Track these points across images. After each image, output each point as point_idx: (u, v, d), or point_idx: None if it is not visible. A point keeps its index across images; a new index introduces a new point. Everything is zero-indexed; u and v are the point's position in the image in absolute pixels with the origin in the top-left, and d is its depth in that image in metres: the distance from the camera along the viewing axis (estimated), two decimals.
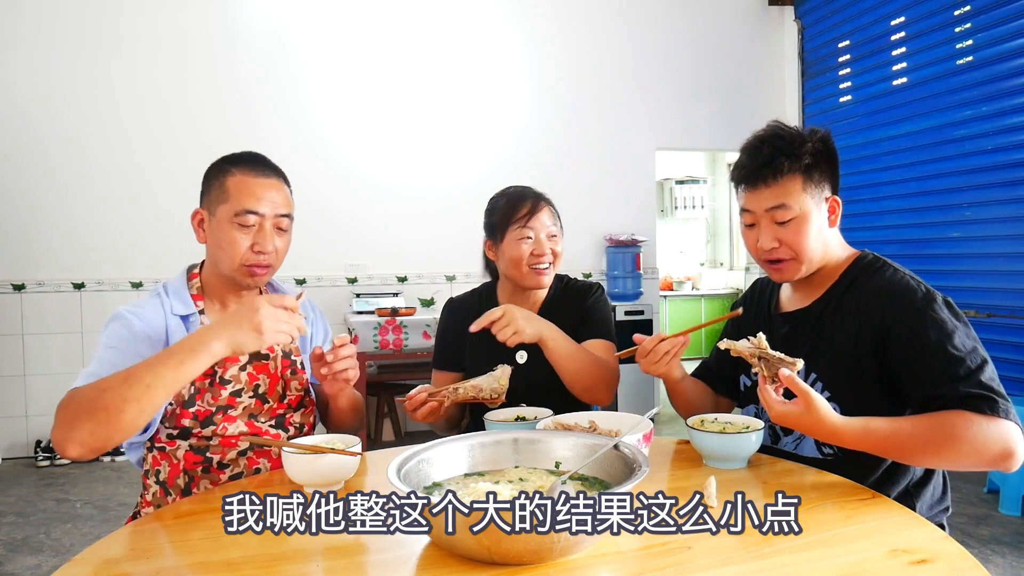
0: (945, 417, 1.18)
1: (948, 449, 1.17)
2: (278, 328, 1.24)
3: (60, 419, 1.21)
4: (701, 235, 8.63)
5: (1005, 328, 3.82)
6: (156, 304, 1.46)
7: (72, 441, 1.18)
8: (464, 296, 1.96)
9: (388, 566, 0.96)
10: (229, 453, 1.47)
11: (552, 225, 1.78)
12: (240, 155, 1.51)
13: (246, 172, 1.46)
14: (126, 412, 1.17)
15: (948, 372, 1.22)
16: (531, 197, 1.78)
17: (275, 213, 1.46)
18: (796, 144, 1.37)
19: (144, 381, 1.18)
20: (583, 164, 5.30)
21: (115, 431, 1.19)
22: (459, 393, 1.53)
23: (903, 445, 1.19)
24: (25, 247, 4.44)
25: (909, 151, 4.49)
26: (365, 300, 4.53)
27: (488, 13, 5.16)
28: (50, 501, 3.65)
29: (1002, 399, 1.18)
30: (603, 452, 1.10)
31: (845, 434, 1.20)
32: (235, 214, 1.43)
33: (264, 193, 1.45)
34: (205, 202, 1.50)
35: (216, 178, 1.48)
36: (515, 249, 1.75)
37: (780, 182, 1.36)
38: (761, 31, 5.72)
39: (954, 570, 0.90)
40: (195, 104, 4.65)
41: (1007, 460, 1.17)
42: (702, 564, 0.92)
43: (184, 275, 1.54)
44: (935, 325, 1.26)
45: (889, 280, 1.36)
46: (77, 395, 1.22)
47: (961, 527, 3.06)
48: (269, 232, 1.46)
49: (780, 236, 1.38)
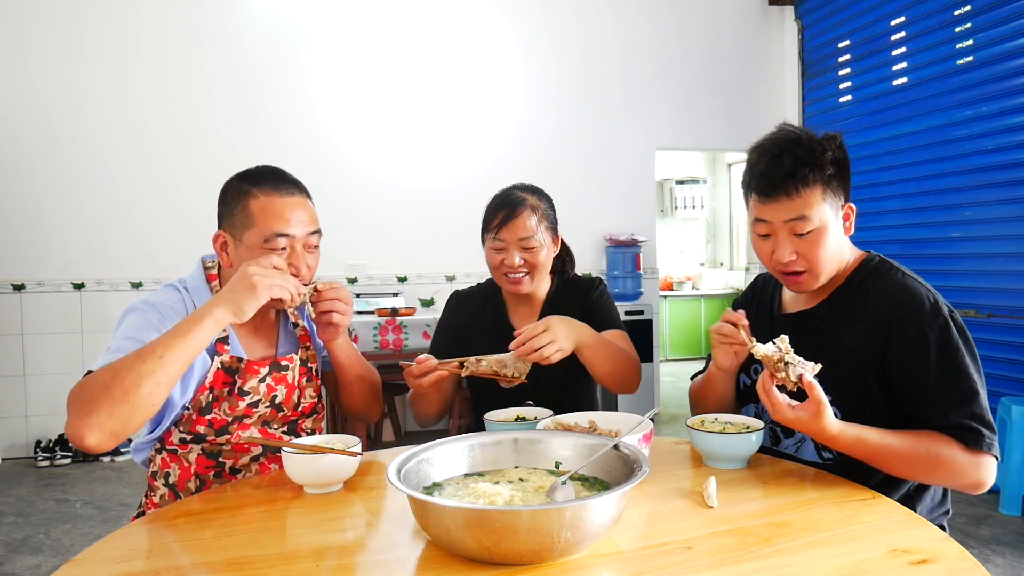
0: (932, 441, 1.22)
1: (926, 471, 1.23)
2: (271, 283, 1.24)
3: (74, 407, 1.15)
4: (701, 235, 8.63)
5: (1005, 328, 3.82)
6: (176, 298, 1.43)
7: (90, 427, 1.12)
8: (470, 290, 1.96)
9: (388, 566, 0.96)
10: (242, 458, 1.47)
11: (530, 234, 1.71)
12: (259, 173, 1.46)
13: (269, 193, 1.41)
14: (143, 387, 1.15)
15: (943, 397, 1.24)
16: (507, 205, 1.73)
17: (305, 232, 1.43)
18: (817, 153, 1.31)
19: (156, 354, 1.17)
20: (583, 164, 5.30)
21: (134, 410, 1.15)
22: (481, 366, 1.51)
23: (887, 459, 1.23)
24: (25, 247, 4.44)
25: (909, 151, 4.49)
26: (365, 300, 4.53)
27: (489, 13, 5.16)
28: (50, 501, 3.65)
29: (988, 432, 1.22)
30: (603, 452, 1.10)
31: (840, 440, 1.22)
32: (264, 240, 1.39)
33: (291, 214, 1.41)
34: (227, 225, 1.44)
35: (238, 201, 1.42)
36: (490, 257, 1.77)
37: (802, 194, 1.30)
38: (761, 31, 5.72)
39: (954, 570, 0.90)
40: (196, 104, 4.65)
41: (976, 489, 1.24)
42: (702, 564, 0.92)
43: (202, 273, 1.50)
44: (939, 343, 1.26)
45: (898, 285, 1.34)
46: (90, 380, 1.18)
47: (961, 527, 3.06)
48: (301, 253, 1.42)
49: (798, 248, 1.34)
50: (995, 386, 3.67)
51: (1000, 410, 3.39)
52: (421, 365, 1.51)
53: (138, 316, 1.37)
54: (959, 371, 1.25)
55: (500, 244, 1.72)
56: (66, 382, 4.53)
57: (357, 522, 1.13)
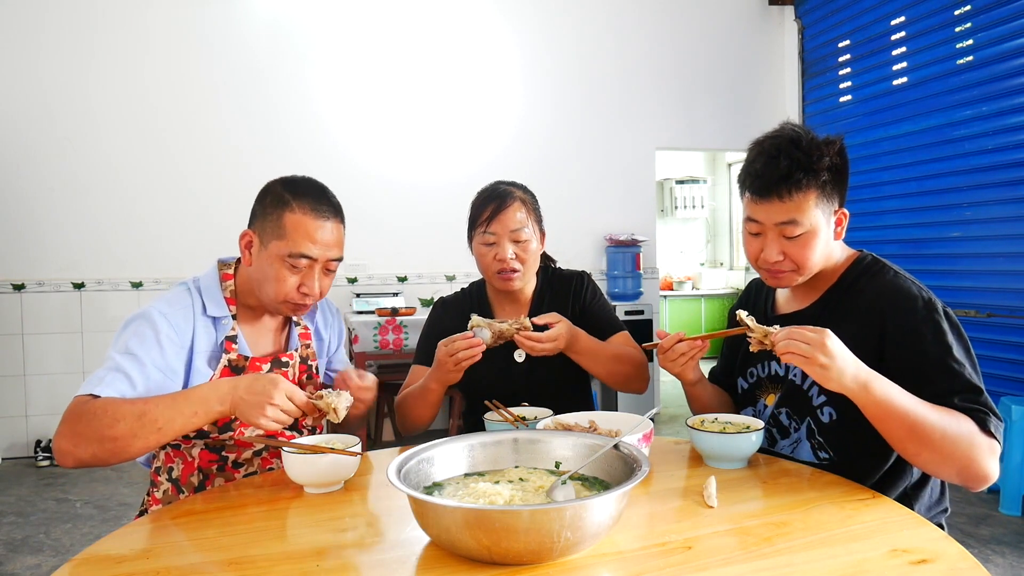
0: (958, 417, 1.18)
1: (948, 445, 1.15)
2: (276, 418, 1.24)
3: (65, 430, 1.22)
4: (701, 235, 8.63)
5: (1005, 328, 3.82)
6: (187, 304, 1.43)
7: (72, 457, 1.22)
8: (455, 296, 1.94)
9: (388, 566, 0.96)
10: (244, 452, 1.48)
11: (522, 226, 1.69)
12: (302, 185, 1.46)
13: (307, 211, 1.42)
14: (133, 447, 1.22)
15: (947, 386, 1.23)
16: (496, 197, 1.71)
17: (327, 257, 1.45)
18: (815, 158, 1.30)
19: (157, 424, 1.21)
20: (583, 164, 5.30)
21: (117, 460, 1.23)
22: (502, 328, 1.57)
23: (917, 421, 1.15)
24: (25, 247, 4.44)
25: (909, 151, 4.49)
26: (365, 300, 4.53)
27: (490, 12, 5.16)
28: (50, 501, 3.65)
29: (996, 418, 1.20)
30: (603, 452, 1.10)
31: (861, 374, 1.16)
32: (289, 255, 1.40)
33: (321, 237, 1.42)
34: (257, 227, 1.45)
35: (274, 208, 1.43)
36: (480, 254, 1.74)
37: (794, 198, 1.30)
38: (761, 31, 5.72)
39: (954, 570, 0.90)
40: (197, 103, 4.65)
41: (981, 480, 1.17)
42: (702, 564, 0.92)
43: (216, 273, 1.51)
44: (935, 337, 1.26)
45: (890, 284, 1.34)
46: (87, 412, 1.22)
47: (961, 527, 3.06)
48: (318, 274, 1.44)
49: (786, 249, 1.35)
50: (995, 386, 3.67)
51: (1000, 410, 3.37)
52: (469, 340, 1.52)
53: (140, 330, 1.36)
54: (958, 364, 1.24)
55: (491, 238, 1.69)
56: (66, 382, 4.56)
57: (357, 522, 1.13)
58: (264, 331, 1.55)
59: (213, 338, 1.44)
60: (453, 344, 1.53)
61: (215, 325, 1.45)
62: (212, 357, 1.43)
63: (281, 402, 1.23)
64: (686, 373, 1.48)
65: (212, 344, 1.44)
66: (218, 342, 1.44)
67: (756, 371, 1.53)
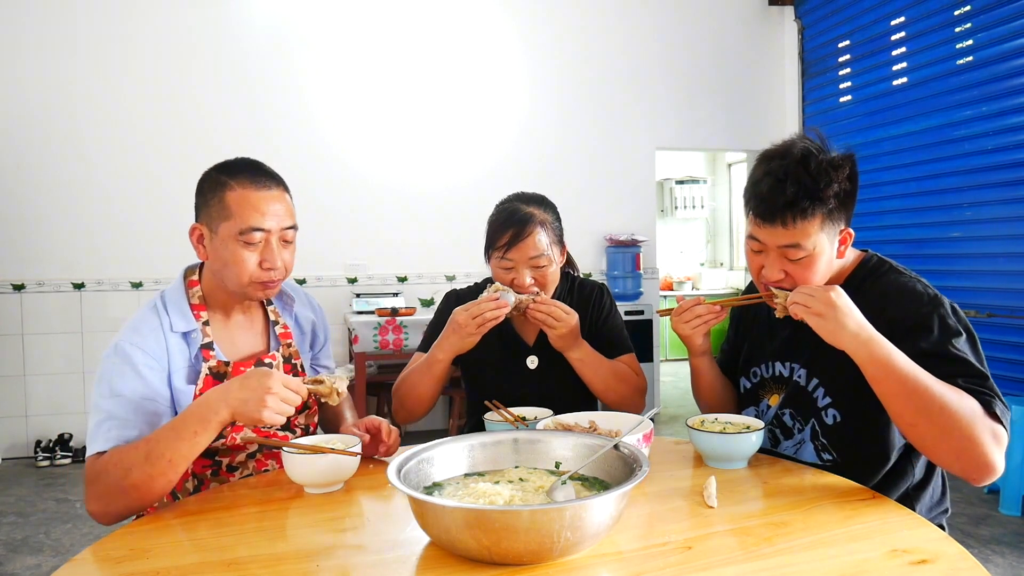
0: (961, 394, 1.16)
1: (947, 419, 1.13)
2: (280, 410, 1.22)
3: (91, 494, 1.24)
4: (701, 235, 8.63)
5: (1005, 328, 3.82)
6: (155, 325, 1.40)
7: (108, 515, 1.25)
8: (467, 290, 1.92)
9: (388, 566, 0.96)
10: (238, 456, 1.47)
11: (541, 252, 1.66)
12: (236, 164, 1.43)
13: (246, 185, 1.39)
14: (155, 486, 1.22)
15: (951, 369, 1.21)
16: (515, 223, 1.66)
17: (280, 227, 1.42)
18: (822, 185, 1.27)
19: (165, 457, 1.21)
20: (583, 164, 5.30)
21: (149, 502, 1.25)
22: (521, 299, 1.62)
23: (917, 386, 1.14)
24: (25, 247, 4.44)
25: (909, 151, 4.49)
26: (365, 300, 4.53)
27: (488, 12, 5.16)
28: (50, 501, 3.65)
29: (1003, 404, 1.19)
30: (603, 452, 1.10)
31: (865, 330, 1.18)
32: (240, 232, 1.37)
33: (268, 207, 1.39)
34: (203, 217, 1.42)
35: (214, 192, 1.40)
36: (497, 276, 1.72)
37: (799, 225, 1.28)
38: (761, 31, 5.72)
39: (954, 570, 0.90)
40: (196, 104, 4.65)
41: (985, 472, 1.14)
42: (702, 564, 0.92)
43: (182, 283, 1.48)
44: (941, 327, 1.25)
45: (895, 284, 1.34)
46: (100, 472, 1.23)
47: (961, 527, 3.06)
48: (276, 247, 1.41)
49: (788, 269, 1.34)
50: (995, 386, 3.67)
51: None
52: (495, 300, 1.54)
53: (116, 367, 1.33)
54: (962, 351, 1.23)
55: (508, 264, 1.67)
56: (66, 382, 4.56)
57: (357, 522, 1.13)
58: (241, 332, 1.51)
59: (187, 354, 1.41)
60: (479, 305, 1.55)
61: (186, 340, 1.42)
62: (190, 373, 1.40)
63: (280, 391, 1.21)
64: (695, 337, 1.47)
65: (187, 360, 1.41)
66: (192, 356, 1.41)
67: (760, 371, 1.53)
